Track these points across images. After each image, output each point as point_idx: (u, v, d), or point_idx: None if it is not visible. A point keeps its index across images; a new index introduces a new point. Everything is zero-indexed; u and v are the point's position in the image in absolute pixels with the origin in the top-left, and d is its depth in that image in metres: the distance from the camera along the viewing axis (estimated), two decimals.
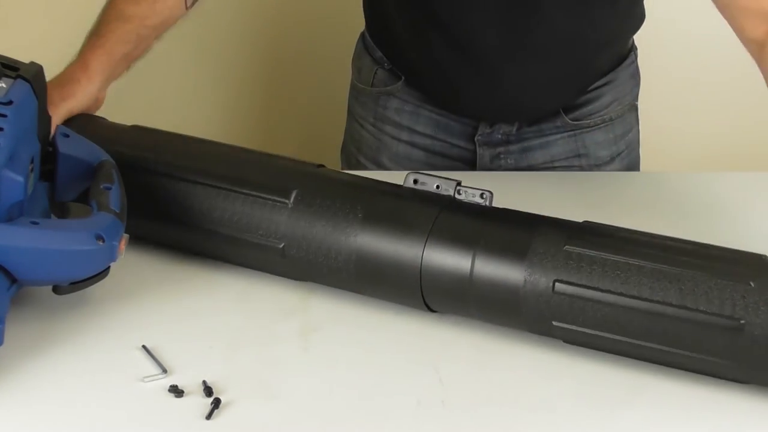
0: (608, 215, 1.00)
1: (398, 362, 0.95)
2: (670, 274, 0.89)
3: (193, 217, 1.04)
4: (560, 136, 1.40)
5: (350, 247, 0.98)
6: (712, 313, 0.87)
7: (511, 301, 0.93)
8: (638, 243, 0.93)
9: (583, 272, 0.91)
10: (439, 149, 1.42)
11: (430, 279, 0.96)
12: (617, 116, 1.43)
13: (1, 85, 0.96)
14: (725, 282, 0.88)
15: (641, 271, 0.90)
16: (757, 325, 0.86)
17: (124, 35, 1.19)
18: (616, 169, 1.44)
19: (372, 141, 1.45)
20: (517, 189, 1.08)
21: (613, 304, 0.90)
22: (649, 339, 0.90)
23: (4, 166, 0.93)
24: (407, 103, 1.42)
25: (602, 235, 0.95)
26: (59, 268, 0.94)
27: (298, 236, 1.00)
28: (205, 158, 1.07)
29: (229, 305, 1.03)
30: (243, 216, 1.02)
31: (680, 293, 0.88)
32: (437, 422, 0.87)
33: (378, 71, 1.43)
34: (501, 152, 1.41)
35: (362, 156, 1.47)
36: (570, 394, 0.91)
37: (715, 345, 0.88)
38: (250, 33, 1.98)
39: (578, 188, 1.31)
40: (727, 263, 0.90)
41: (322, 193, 1.01)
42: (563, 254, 0.92)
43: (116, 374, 0.91)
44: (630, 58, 1.44)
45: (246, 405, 0.88)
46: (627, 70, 1.43)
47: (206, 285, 1.06)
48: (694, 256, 0.91)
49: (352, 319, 1.01)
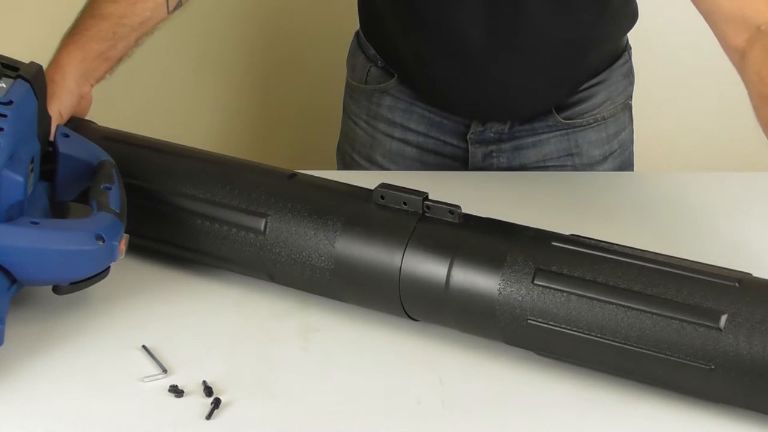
0: (601, 216, 1.00)
1: (398, 362, 0.95)
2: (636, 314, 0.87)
3: (170, 235, 1.04)
4: (552, 135, 1.41)
5: (329, 255, 0.97)
6: (680, 356, 0.85)
7: (487, 310, 0.92)
8: (610, 266, 0.90)
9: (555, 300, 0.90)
10: (432, 147, 1.42)
11: (408, 288, 0.95)
12: (610, 115, 1.43)
13: (1, 85, 0.96)
14: (694, 325, 0.85)
15: (606, 308, 0.87)
16: (728, 368, 0.84)
17: (99, 33, 1.17)
18: (609, 169, 1.44)
19: (365, 138, 1.46)
20: (510, 189, 1.08)
21: (581, 337, 0.89)
22: (621, 370, 0.90)
23: (4, 166, 0.93)
24: (400, 100, 1.42)
25: (573, 258, 0.92)
26: (59, 268, 0.94)
27: (276, 252, 0.99)
28: (179, 178, 1.04)
29: (229, 305, 1.03)
30: (219, 245, 1.02)
31: (644, 335, 0.86)
32: (437, 422, 0.87)
33: (371, 69, 1.44)
34: (493, 150, 1.41)
35: (356, 154, 1.47)
36: (569, 395, 0.92)
37: (687, 383, 0.87)
38: (247, 32, 1.98)
39: (570, 188, 1.32)
40: (699, 296, 0.86)
41: (297, 206, 0.99)
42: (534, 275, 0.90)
43: (116, 374, 0.91)
44: (624, 57, 1.44)
45: (246, 405, 0.88)
46: (620, 69, 1.43)
47: (206, 285, 1.06)
48: (668, 283, 0.87)
49: (351, 319, 1.01)
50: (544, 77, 1.35)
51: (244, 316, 1.01)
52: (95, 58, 1.18)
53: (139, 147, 1.10)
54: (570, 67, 1.37)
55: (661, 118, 2.00)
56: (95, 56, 1.17)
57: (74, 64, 1.15)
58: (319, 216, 0.98)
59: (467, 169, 1.42)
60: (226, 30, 1.94)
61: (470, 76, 1.33)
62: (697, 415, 0.90)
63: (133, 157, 1.08)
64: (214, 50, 1.94)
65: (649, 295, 0.87)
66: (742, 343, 0.84)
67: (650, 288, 0.87)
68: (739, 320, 0.84)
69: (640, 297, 0.87)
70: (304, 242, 0.98)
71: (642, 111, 1.53)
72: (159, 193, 1.04)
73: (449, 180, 1.07)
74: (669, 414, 0.90)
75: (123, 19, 1.19)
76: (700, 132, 2.10)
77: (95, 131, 1.13)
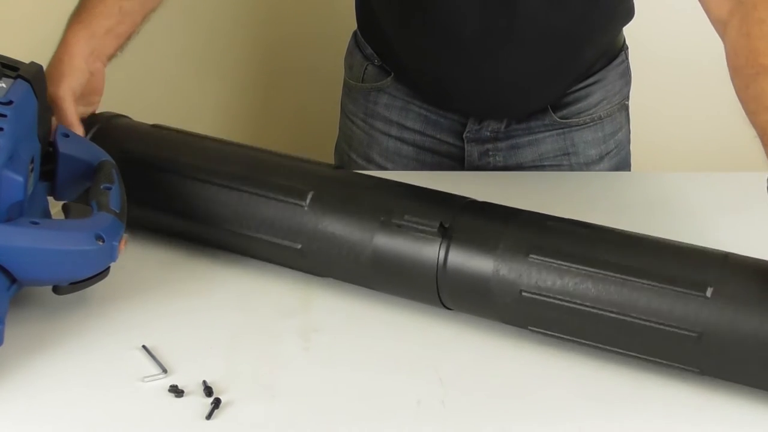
0: (597, 216, 1.00)
1: (398, 362, 0.95)
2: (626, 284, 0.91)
3: (212, 216, 1.07)
4: (549, 134, 1.41)
5: (368, 245, 0.99)
6: (669, 324, 0.89)
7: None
8: (597, 242, 0.95)
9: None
10: (429, 145, 1.43)
11: (448, 278, 0.97)
12: (606, 115, 1.43)
13: (1, 85, 0.96)
14: (682, 294, 0.89)
15: (594, 278, 0.92)
16: (714, 335, 0.88)
17: (104, 9, 1.17)
18: (606, 169, 1.44)
19: (362, 137, 1.46)
20: (506, 189, 1.09)
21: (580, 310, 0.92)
22: (615, 342, 0.93)
23: (4, 166, 0.92)
24: (397, 98, 1.42)
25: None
26: (59, 268, 0.94)
27: (318, 237, 1.02)
28: (226, 161, 1.09)
29: (229, 305, 1.03)
30: (263, 219, 1.04)
31: (636, 305, 0.90)
32: (437, 422, 0.88)
33: (368, 67, 1.44)
34: (489, 149, 1.41)
35: (353, 152, 1.47)
36: (571, 394, 0.92)
37: (675, 352, 0.90)
38: (246, 31, 1.97)
39: (567, 188, 1.32)
40: (688, 268, 0.91)
41: (340, 194, 1.03)
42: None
43: (116, 374, 0.92)
44: (620, 57, 1.44)
45: (246, 405, 0.88)
46: (617, 69, 1.43)
47: (207, 285, 1.06)
48: (659, 256, 0.93)
49: (352, 319, 1.01)
50: (540, 71, 1.35)
51: (244, 316, 1.01)
52: (103, 35, 1.17)
53: (188, 135, 1.15)
54: (565, 62, 1.37)
55: (658, 118, 2.00)
56: (103, 33, 1.17)
57: (82, 43, 1.15)
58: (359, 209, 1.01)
59: (464, 168, 1.43)
60: (223, 29, 1.94)
61: (465, 69, 1.33)
62: (700, 416, 0.90)
63: (187, 140, 1.13)
64: (211, 50, 1.94)
65: (641, 268, 0.91)
66: (727, 312, 0.87)
67: (642, 260, 0.92)
68: (725, 291, 0.88)
69: (632, 269, 0.91)
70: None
71: (639, 111, 1.53)
72: (218, 174, 1.07)
73: (445, 180, 1.07)
74: (671, 414, 0.90)
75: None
76: (696, 132, 2.11)
77: (132, 127, 1.16)
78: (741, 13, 1.06)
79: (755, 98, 0.99)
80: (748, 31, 1.04)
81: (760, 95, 0.98)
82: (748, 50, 1.03)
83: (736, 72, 1.04)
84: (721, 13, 1.09)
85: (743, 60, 1.03)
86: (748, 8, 1.05)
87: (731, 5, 1.07)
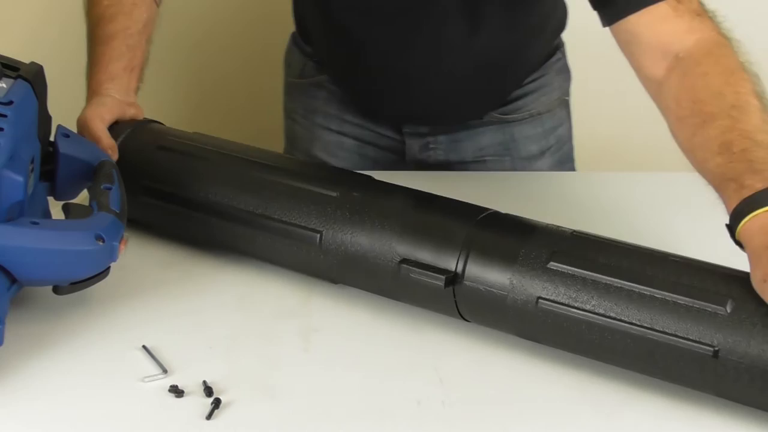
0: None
1: (398, 362, 0.95)
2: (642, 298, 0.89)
3: None
4: (488, 128, 1.43)
5: (389, 257, 0.98)
6: (686, 338, 0.87)
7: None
8: (622, 253, 0.93)
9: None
10: (369, 139, 1.44)
11: (465, 291, 0.96)
12: (546, 110, 1.44)
13: (2, 85, 0.96)
14: (699, 309, 0.87)
15: (609, 289, 0.90)
16: (732, 352, 0.85)
17: (113, 53, 1.19)
18: (548, 164, 1.45)
19: (303, 133, 1.47)
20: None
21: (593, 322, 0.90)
22: (628, 360, 0.91)
23: (4, 166, 0.92)
24: (335, 93, 1.43)
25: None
26: (59, 268, 0.94)
27: (341, 252, 1.01)
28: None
29: (229, 305, 1.03)
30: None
31: (652, 320, 0.88)
32: (437, 422, 0.87)
33: (307, 63, 1.45)
34: (430, 142, 1.43)
35: (296, 151, 1.49)
36: (570, 395, 0.92)
37: (689, 370, 0.88)
38: (235, 38, 1.98)
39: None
40: (709, 282, 0.89)
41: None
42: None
43: (116, 374, 0.92)
44: (557, 55, 1.45)
45: (246, 405, 0.88)
46: (554, 66, 1.45)
47: (207, 285, 1.06)
48: (678, 270, 0.90)
49: (352, 320, 1.01)
50: (469, 94, 1.37)
51: (244, 317, 1.01)
52: (122, 73, 1.19)
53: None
54: (494, 85, 1.39)
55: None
56: (121, 72, 1.19)
57: (106, 86, 1.18)
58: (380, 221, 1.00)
59: (405, 161, 1.44)
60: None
61: (393, 90, 1.36)
62: (696, 420, 0.90)
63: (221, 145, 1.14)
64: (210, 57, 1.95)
65: (662, 279, 0.89)
66: (746, 330, 0.85)
67: (662, 273, 0.90)
68: (744, 307, 0.86)
69: (652, 280, 0.89)
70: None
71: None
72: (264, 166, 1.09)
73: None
74: (669, 415, 0.90)
75: (128, 31, 1.21)
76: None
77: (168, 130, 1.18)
78: (681, 69, 1.05)
79: (702, 146, 0.98)
80: (693, 84, 1.03)
81: (708, 142, 0.97)
82: (692, 101, 1.02)
83: (679, 123, 1.03)
84: (657, 72, 1.07)
85: (688, 111, 1.02)
86: (690, 64, 1.05)
87: (669, 63, 1.06)
